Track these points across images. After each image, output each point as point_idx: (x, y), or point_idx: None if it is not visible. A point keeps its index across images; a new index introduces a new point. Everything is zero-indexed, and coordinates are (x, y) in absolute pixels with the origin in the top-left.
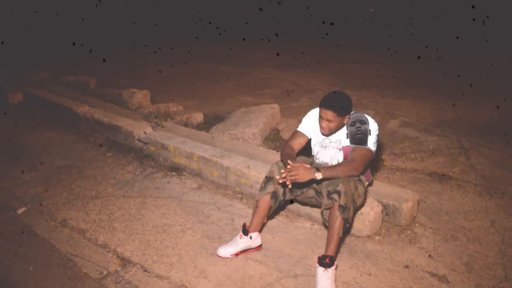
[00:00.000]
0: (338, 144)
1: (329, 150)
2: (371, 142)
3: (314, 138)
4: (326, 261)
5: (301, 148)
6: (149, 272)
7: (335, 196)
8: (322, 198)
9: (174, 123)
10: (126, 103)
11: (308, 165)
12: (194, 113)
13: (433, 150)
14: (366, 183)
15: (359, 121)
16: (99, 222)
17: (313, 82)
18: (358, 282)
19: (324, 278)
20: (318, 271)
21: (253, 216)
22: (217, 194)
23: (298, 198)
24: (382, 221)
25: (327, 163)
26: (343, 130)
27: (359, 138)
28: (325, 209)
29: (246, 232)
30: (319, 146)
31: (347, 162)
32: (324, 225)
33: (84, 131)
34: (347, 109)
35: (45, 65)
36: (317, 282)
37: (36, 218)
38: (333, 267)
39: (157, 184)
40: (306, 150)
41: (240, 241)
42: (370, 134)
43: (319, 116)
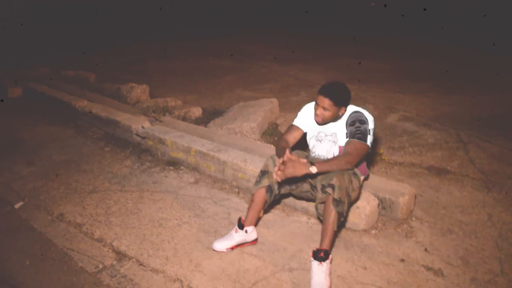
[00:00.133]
0: (333, 137)
1: (324, 144)
2: (369, 140)
3: (310, 132)
4: (320, 255)
5: (296, 142)
6: (144, 266)
7: (329, 190)
8: (317, 192)
9: (172, 118)
10: (124, 98)
11: (304, 159)
12: (192, 107)
13: (431, 144)
14: (362, 177)
15: (359, 120)
16: (96, 216)
17: (313, 76)
18: (353, 276)
19: (318, 271)
20: (313, 265)
21: (248, 210)
22: (214, 188)
23: (293, 192)
24: (379, 215)
25: (323, 157)
26: (339, 124)
27: (358, 138)
28: (319, 203)
29: (241, 226)
30: (315, 140)
31: (341, 156)
32: (319, 219)
33: (82, 126)
34: (345, 100)
35: (46, 60)
36: (311, 276)
37: (33, 212)
38: (327, 261)
39: (154, 178)
40: (303, 144)
41: (235, 235)
42: (369, 134)
43: (315, 103)
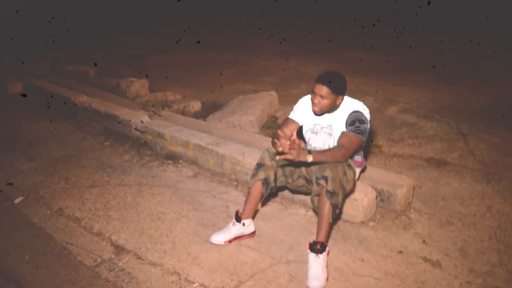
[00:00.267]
0: (329, 129)
1: (320, 136)
2: (365, 137)
3: (306, 125)
4: (317, 247)
5: (291, 135)
6: (142, 259)
7: (322, 182)
8: (312, 185)
9: (172, 112)
10: (124, 92)
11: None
12: (191, 101)
13: (431, 135)
14: (359, 169)
15: (359, 120)
16: (95, 210)
17: (313, 69)
18: (350, 268)
19: (315, 264)
20: (310, 257)
21: (245, 203)
22: (212, 182)
23: (289, 186)
24: (377, 207)
25: (319, 149)
26: (334, 116)
27: (355, 132)
28: (314, 195)
29: (239, 219)
30: (311, 132)
31: (336, 148)
32: (314, 211)
33: (82, 121)
34: (342, 88)
35: (45, 55)
36: (308, 268)
37: (32, 207)
38: (324, 253)
39: (153, 172)
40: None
41: (233, 228)
42: (367, 132)
43: (313, 92)
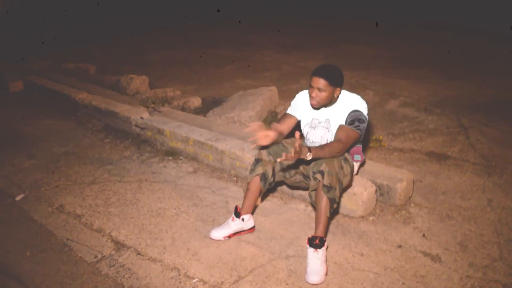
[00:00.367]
0: (326, 123)
1: (318, 130)
2: (363, 132)
3: (304, 120)
4: (315, 242)
5: (289, 130)
6: (142, 255)
7: (319, 176)
8: (310, 180)
9: (171, 108)
10: (124, 89)
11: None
12: (191, 97)
13: (432, 129)
14: (358, 163)
15: (358, 119)
16: (95, 207)
17: (313, 64)
18: (349, 263)
19: (314, 259)
20: (309, 252)
21: (244, 198)
22: (212, 178)
23: (287, 181)
24: (377, 201)
25: (318, 143)
26: (332, 110)
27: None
28: (312, 190)
29: (238, 214)
30: (309, 127)
31: (334, 143)
32: (312, 206)
33: (82, 118)
34: (339, 80)
35: (46, 53)
36: (307, 263)
37: (34, 204)
38: (323, 248)
39: (153, 168)
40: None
41: (232, 223)
42: (364, 130)
43: (310, 86)
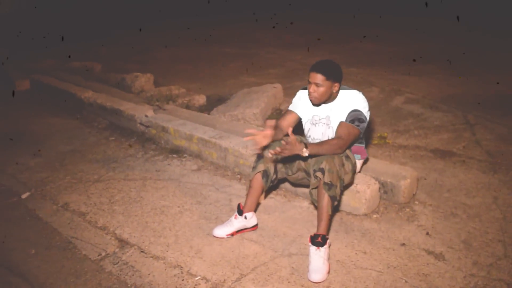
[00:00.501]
0: (327, 120)
1: (319, 127)
2: (363, 130)
3: (305, 116)
4: (318, 240)
5: (290, 126)
6: (145, 253)
7: (319, 174)
8: (311, 178)
9: (176, 106)
10: (129, 87)
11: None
12: (196, 95)
13: (437, 126)
14: (361, 161)
15: (358, 119)
16: (100, 205)
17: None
18: (352, 261)
19: (316, 257)
20: (311, 250)
21: (247, 196)
22: (216, 175)
23: (289, 178)
24: (380, 199)
25: (319, 140)
26: (332, 107)
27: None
28: (313, 188)
29: (241, 212)
30: (310, 124)
31: (334, 140)
32: (313, 204)
33: (88, 116)
34: (336, 74)
35: (52, 51)
36: (310, 261)
37: (39, 202)
38: (325, 246)
39: (157, 166)
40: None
41: (235, 221)
42: (364, 129)
43: (308, 82)
